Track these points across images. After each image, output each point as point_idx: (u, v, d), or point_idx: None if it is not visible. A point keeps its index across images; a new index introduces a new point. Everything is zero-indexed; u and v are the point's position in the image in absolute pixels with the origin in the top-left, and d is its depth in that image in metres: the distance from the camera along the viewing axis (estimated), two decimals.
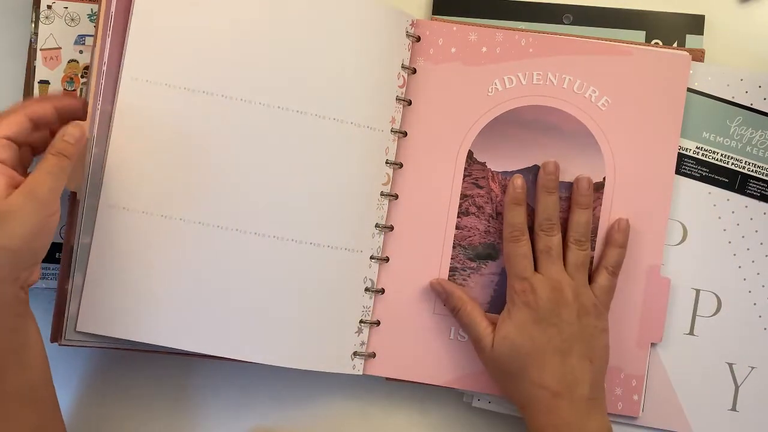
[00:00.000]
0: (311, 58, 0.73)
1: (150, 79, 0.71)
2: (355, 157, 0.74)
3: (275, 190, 0.73)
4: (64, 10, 0.77)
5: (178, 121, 0.71)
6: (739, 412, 0.76)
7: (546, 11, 0.80)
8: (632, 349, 0.75)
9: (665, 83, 0.76)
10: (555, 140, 0.76)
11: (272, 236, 0.72)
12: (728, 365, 0.77)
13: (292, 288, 0.74)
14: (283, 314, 0.73)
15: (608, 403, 0.72)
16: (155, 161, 0.71)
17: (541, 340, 0.70)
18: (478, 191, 0.76)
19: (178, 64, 0.71)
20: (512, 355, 0.71)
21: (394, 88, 0.76)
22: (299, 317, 0.74)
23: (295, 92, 0.73)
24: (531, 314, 0.70)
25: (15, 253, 0.61)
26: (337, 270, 0.74)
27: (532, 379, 0.70)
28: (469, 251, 0.76)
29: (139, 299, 0.71)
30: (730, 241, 0.77)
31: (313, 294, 0.74)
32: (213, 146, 0.72)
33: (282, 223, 0.73)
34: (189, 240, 0.72)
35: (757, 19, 0.81)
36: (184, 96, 0.71)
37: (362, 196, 0.75)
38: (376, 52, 0.75)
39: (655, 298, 0.75)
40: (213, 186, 0.72)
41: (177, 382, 0.81)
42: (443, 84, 0.77)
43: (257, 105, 0.72)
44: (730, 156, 0.77)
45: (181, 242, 0.72)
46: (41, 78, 0.77)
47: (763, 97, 0.77)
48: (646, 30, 0.79)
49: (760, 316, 0.77)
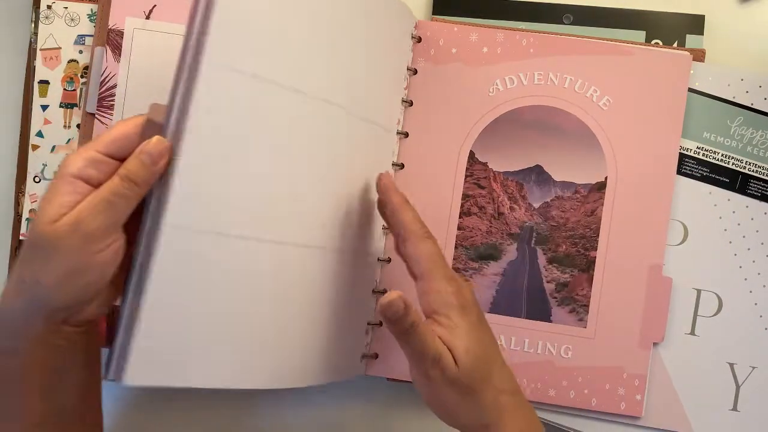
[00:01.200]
0: (346, 54, 0.68)
1: (238, 67, 0.58)
2: (372, 158, 0.74)
3: (304, 195, 0.65)
4: (64, 10, 0.77)
5: (259, 118, 0.61)
6: (740, 412, 0.76)
7: (546, 11, 0.80)
8: (634, 348, 0.75)
9: (666, 83, 0.76)
10: (556, 140, 0.76)
11: (303, 245, 0.66)
12: (729, 365, 0.76)
13: (319, 298, 0.68)
14: (304, 331, 0.67)
15: (611, 404, 0.73)
16: (234, 166, 0.59)
17: (489, 341, 0.63)
18: (480, 191, 0.76)
19: (261, 54, 0.60)
20: (477, 367, 0.61)
21: (401, 90, 0.76)
22: (320, 330, 0.69)
23: (337, 88, 0.67)
24: (470, 317, 0.62)
25: (49, 289, 0.53)
26: (353, 274, 0.72)
27: (495, 387, 0.62)
28: (471, 252, 0.76)
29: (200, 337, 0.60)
30: (731, 241, 0.77)
31: (334, 300, 0.70)
32: (277, 146, 0.62)
33: (311, 230, 0.66)
34: (266, 261, 0.63)
35: (757, 19, 0.81)
36: (267, 88, 0.60)
37: (374, 198, 0.73)
38: (393, 54, 0.75)
39: (657, 298, 0.75)
40: (269, 197, 0.62)
41: None
42: (444, 84, 0.77)
43: (313, 99, 0.65)
44: (731, 156, 0.77)
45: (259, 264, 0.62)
46: (41, 78, 0.77)
47: (763, 97, 0.77)
48: (646, 30, 0.79)
49: (761, 315, 0.77)
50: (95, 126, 0.75)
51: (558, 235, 0.76)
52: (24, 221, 0.76)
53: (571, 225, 0.76)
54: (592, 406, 0.75)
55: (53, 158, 0.77)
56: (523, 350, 0.76)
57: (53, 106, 0.77)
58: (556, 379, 0.75)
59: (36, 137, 0.76)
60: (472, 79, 0.77)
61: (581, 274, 0.76)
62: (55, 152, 0.77)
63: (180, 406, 0.80)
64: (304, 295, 0.66)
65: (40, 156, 0.76)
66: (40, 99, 0.77)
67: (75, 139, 0.77)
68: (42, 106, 0.77)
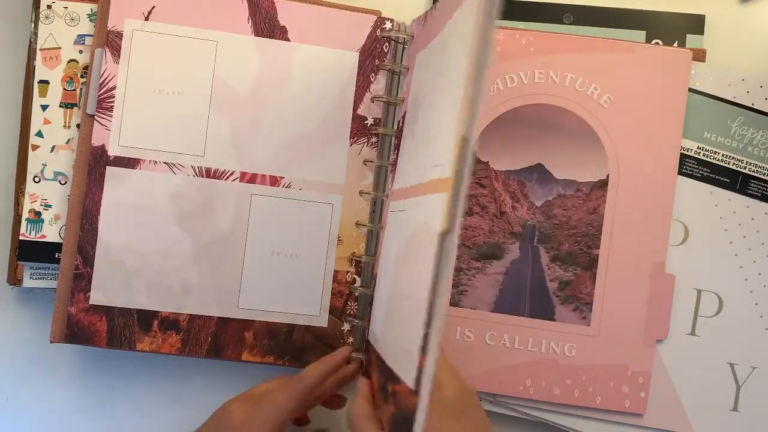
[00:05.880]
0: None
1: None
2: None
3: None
4: (64, 10, 0.77)
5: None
6: (741, 412, 0.76)
7: (546, 11, 0.80)
8: (638, 346, 0.75)
9: (667, 79, 0.76)
10: (557, 138, 0.76)
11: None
12: (729, 365, 0.76)
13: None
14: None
15: (615, 401, 0.72)
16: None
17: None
18: (482, 191, 0.76)
19: None
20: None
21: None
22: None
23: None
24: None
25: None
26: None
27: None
28: (474, 251, 0.76)
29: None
30: (732, 241, 0.77)
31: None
32: None
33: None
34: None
35: (757, 19, 0.81)
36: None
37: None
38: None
39: (660, 295, 0.75)
40: None
41: (177, 382, 0.80)
42: None
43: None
44: (732, 156, 0.77)
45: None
46: (41, 78, 0.76)
47: (764, 97, 0.77)
48: (647, 30, 0.79)
49: (762, 316, 0.77)
50: (95, 127, 0.75)
51: (560, 233, 0.76)
52: (24, 221, 0.75)
53: (574, 223, 0.76)
54: (596, 404, 0.75)
55: (53, 158, 0.76)
56: (527, 349, 0.76)
57: (53, 106, 0.77)
58: (560, 378, 0.75)
59: (36, 137, 0.76)
60: None
61: (584, 272, 0.75)
62: (55, 152, 0.76)
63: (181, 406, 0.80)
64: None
65: (40, 156, 0.76)
66: (39, 99, 0.76)
67: (75, 138, 0.76)
68: (42, 106, 0.76)
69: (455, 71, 0.55)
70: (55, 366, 0.68)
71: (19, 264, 0.76)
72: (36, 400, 0.79)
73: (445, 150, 0.53)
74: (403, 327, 0.58)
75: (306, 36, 0.77)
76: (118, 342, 0.75)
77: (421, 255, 0.55)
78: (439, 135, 0.58)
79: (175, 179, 0.76)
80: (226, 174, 0.76)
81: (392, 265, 0.66)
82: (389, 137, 0.78)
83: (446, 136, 0.54)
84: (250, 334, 0.76)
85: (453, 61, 0.57)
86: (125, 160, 0.75)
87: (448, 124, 0.55)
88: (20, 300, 0.80)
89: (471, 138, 0.49)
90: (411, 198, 0.64)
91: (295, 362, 0.77)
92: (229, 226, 0.76)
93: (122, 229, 0.75)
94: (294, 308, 0.77)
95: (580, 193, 0.76)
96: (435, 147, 0.58)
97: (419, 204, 0.60)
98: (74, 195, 0.75)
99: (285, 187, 0.77)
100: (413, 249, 0.59)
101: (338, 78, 0.78)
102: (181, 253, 0.75)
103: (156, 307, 0.75)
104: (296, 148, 0.77)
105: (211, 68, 0.76)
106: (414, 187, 0.63)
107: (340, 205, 0.77)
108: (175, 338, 0.76)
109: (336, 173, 0.77)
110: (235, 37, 0.77)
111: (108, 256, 0.75)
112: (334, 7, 0.78)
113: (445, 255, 0.50)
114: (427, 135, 0.63)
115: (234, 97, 0.76)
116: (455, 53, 0.57)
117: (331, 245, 0.77)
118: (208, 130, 0.76)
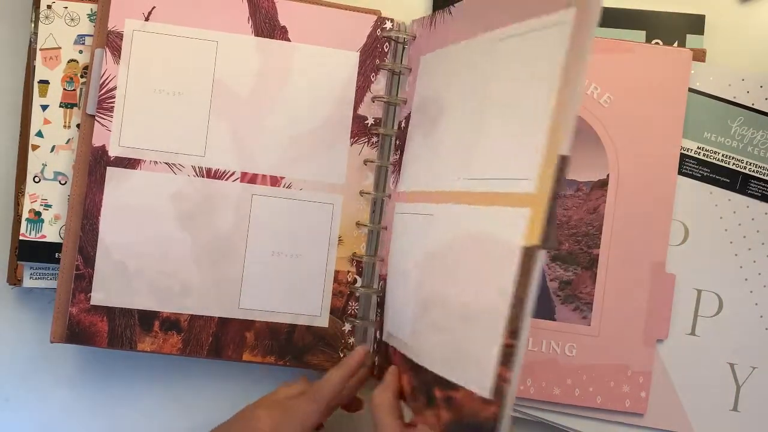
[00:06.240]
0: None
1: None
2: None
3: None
4: (64, 10, 0.77)
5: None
6: (741, 412, 0.76)
7: None
8: (639, 346, 0.75)
9: (667, 79, 0.76)
10: None
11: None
12: (729, 365, 0.76)
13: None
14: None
15: (615, 401, 0.72)
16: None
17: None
18: None
19: None
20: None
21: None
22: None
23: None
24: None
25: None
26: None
27: None
28: None
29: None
30: (732, 241, 0.77)
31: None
32: None
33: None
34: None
35: (757, 19, 0.81)
36: None
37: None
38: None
39: (661, 295, 0.75)
40: None
41: (177, 382, 0.80)
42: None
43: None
44: (732, 156, 0.77)
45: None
46: (41, 78, 0.76)
47: (764, 97, 0.77)
48: (647, 30, 0.79)
49: (762, 316, 0.77)
50: (95, 127, 0.75)
51: (560, 233, 0.76)
52: (24, 221, 0.75)
53: (574, 223, 0.76)
54: (596, 404, 0.75)
55: (53, 158, 0.76)
56: (528, 349, 0.76)
57: (53, 106, 0.76)
58: (560, 378, 0.75)
59: (36, 137, 0.76)
60: None
61: (584, 272, 0.75)
62: (55, 152, 0.76)
63: (181, 406, 0.80)
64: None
65: (40, 156, 0.76)
66: (39, 99, 0.76)
67: (75, 139, 0.76)
68: (42, 106, 0.76)
69: (522, 92, 0.57)
70: (55, 366, 0.68)
71: (19, 264, 0.76)
72: (36, 400, 0.79)
73: (521, 165, 0.54)
74: (456, 333, 0.59)
75: (306, 36, 0.77)
76: (119, 342, 0.75)
77: (485, 265, 0.56)
78: (492, 147, 0.59)
79: (175, 179, 0.76)
80: (226, 174, 0.76)
81: (416, 267, 0.67)
82: (390, 137, 0.78)
83: (519, 152, 0.56)
84: (251, 335, 0.76)
85: (505, 79, 0.60)
86: (126, 160, 0.75)
87: (514, 140, 0.57)
88: (20, 300, 0.80)
89: (569, 158, 0.51)
90: (442, 204, 0.65)
91: (296, 362, 0.77)
92: (229, 226, 0.76)
93: (123, 229, 0.75)
94: (295, 308, 0.77)
95: (580, 193, 0.76)
96: (483, 158, 0.60)
97: (469, 213, 0.60)
98: (74, 195, 0.75)
99: (285, 188, 0.77)
100: (462, 257, 0.60)
101: (338, 78, 0.78)
102: (181, 254, 0.75)
103: (157, 308, 0.75)
104: (297, 148, 0.77)
105: (211, 68, 0.76)
106: (446, 193, 0.64)
107: (340, 205, 0.77)
108: (176, 338, 0.76)
109: (336, 173, 0.77)
110: (235, 38, 0.77)
111: (109, 257, 0.75)
112: (334, 7, 0.78)
113: (535, 269, 0.52)
114: (461, 143, 0.64)
115: (234, 97, 0.76)
116: (513, 74, 0.59)
117: (332, 245, 0.77)
118: (209, 130, 0.76)
